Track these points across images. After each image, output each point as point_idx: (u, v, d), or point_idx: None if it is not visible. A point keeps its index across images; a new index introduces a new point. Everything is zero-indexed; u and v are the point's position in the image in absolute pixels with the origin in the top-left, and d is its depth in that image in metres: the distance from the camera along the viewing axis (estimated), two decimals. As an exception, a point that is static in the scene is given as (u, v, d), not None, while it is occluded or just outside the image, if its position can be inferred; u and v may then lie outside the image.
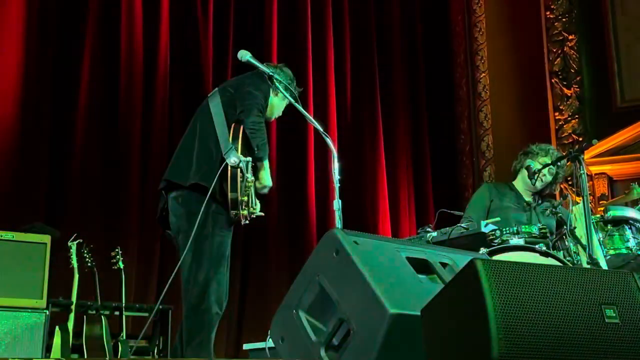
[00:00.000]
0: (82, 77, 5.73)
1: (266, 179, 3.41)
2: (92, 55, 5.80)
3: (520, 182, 4.46)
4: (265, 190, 3.46)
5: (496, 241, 3.77)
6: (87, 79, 5.75)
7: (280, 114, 3.80)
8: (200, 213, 3.21)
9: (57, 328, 4.34)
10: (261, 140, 3.35)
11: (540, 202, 4.41)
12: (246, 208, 3.25)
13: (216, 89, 3.63)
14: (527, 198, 4.42)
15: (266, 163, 3.41)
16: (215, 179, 3.23)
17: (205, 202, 3.22)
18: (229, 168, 3.23)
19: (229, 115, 3.41)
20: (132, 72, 5.94)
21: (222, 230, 3.34)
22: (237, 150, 3.26)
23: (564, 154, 4.12)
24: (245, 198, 3.25)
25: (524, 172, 4.35)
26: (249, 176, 3.25)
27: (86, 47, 5.79)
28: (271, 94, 3.58)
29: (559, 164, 4.26)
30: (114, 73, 5.92)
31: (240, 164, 3.23)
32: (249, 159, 3.28)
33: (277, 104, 3.68)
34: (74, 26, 5.83)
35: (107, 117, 5.86)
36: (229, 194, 3.24)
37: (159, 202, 3.55)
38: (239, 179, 3.23)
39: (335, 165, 3.26)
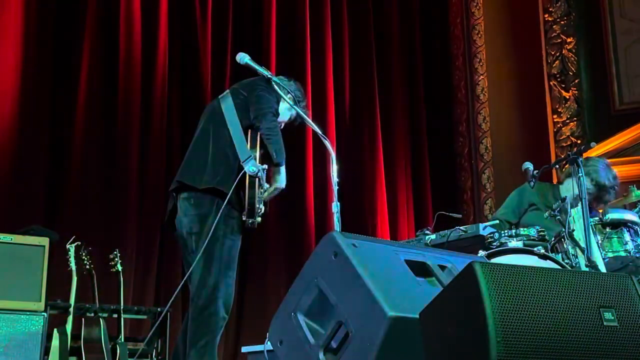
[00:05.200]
0: (81, 78, 5.73)
1: (281, 181, 3.50)
2: (91, 57, 5.80)
3: (564, 190, 4.37)
4: (277, 192, 3.53)
5: (495, 244, 3.77)
6: (86, 81, 5.75)
7: (284, 124, 3.78)
8: (214, 216, 3.25)
9: (55, 331, 4.34)
10: (278, 146, 3.41)
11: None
12: (260, 216, 3.32)
13: (227, 90, 3.63)
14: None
15: (283, 168, 3.48)
16: (233, 185, 3.27)
17: (220, 206, 3.25)
18: (247, 176, 3.26)
19: (242, 120, 3.43)
20: (130, 74, 5.94)
21: (233, 234, 3.37)
22: (255, 159, 3.30)
23: (563, 156, 4.11)
24: (261, 205, 3.31)
25: (569, 180, 4.20)
26: (266, 185, 3.33)
27: (85, 49, 5.79)
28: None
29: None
30: (113, 75, 5.92)
31: (259, 174, 3.27)
32: (265, 166, 3.34)
33: (282, 111, 3.68)
34: (73, 27, 5.83)
35: (106, 119, 5.86)
36: (247, 201, 3.28)
37: (167, 204, 3.57)
38: (257, 188, 3.28)
39: (334, 168, 3.27)
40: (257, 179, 3.29)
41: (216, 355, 3.29)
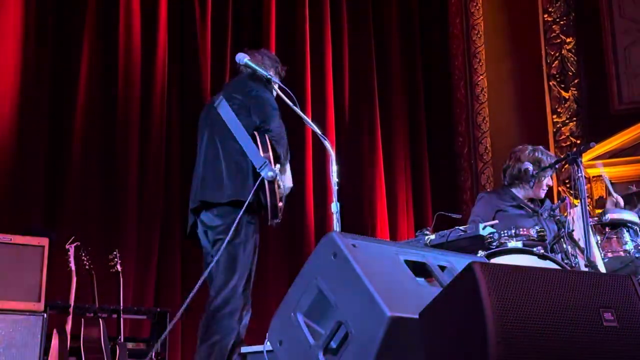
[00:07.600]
0: (80, 79, 5.73)
1: (289, 179, 3.61)
2: (90, 57, 5.81)
3: (520, 188, 4.43)
4: (288, 190, 3.64)
5: (494, 244, 3.76)
6: (85, 81, 5.75)
7: None
8: (238, 223, 3.34)
9: (55, 331, 4.34)
10: (285, 148, 3.51)
11: (540, 206, 4.40)
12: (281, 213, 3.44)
13: (220, 96, 3.64)
14: (529, 203, 4.41)
15: (288, 166, 3.58)
16: (252, 192, 3.35)
17: (241, 212, 3.33)
18: (265, 181, 3.32)
19: (245, 124, 3.48)
20: (130, 74, 5.95)
21: (253, 237, 3.49)
22: (271, 163, 3.36)
23: (562, 156, 4.11)
24: (281, 204, 3.43)
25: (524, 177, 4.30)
26: (282, 184, 3.44)
27: (84, 49, 5.79)
28: None
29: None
30: (112, 75, 5.92)
31: (277, 177, 3.36)
32: (279, 166, 3.45)
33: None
34: (73, 28, 5.83)
35: (106, 119, 5.86)
36: (269, 204, 3.38)
37: (188, 219, 3.65)
38: (277, 189, 3.37)
39: (334, 168, 3.28)
40: (275, 182, 3.37)
41: (225, 356, 3.31)
